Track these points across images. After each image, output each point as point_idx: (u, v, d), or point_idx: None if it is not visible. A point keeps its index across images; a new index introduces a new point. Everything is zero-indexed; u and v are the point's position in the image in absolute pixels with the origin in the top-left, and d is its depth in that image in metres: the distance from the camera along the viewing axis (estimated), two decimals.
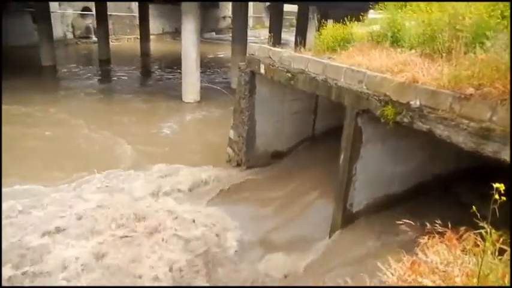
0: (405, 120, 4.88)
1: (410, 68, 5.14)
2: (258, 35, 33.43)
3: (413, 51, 5.80)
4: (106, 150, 10.16)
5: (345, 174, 5.74)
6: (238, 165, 8.76)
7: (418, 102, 4.75)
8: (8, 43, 23.41)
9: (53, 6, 25.21)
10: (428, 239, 2.66)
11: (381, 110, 5.13)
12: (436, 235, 2.66)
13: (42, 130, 11.11)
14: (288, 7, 26.05)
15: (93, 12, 27.52)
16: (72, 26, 30.55)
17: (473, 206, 2.21)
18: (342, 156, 5.83)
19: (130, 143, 10.60)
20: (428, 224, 2.71)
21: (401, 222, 2.92)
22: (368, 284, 2.55)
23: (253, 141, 8.47)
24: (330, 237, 5.95)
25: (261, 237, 6.50)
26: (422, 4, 6.02)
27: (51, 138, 10.67)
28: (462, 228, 2.60)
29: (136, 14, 30.38)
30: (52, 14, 22.86)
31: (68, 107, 13.66)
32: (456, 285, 2.27)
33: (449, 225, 2.67)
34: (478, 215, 2.18)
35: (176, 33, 32.87)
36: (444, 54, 5.05)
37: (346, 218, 5.84)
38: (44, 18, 21.07)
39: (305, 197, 7.16)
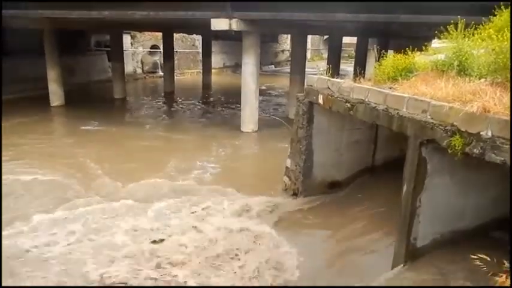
0: (475, 151, 4.62)
1: (479, 97, 4.91)
2: (316, 66, 33.77)
3: (482, 80, 5.54)
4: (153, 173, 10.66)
5: (408, 206, 5.46)
6: (295, 194, 8.71)
7: (489, 133, 4.49)
8: (91, 78, 26.32)
9: (126, 45, 27.71)
10: (506, 278, 2.44)
11: (448, 140, 4.91)
12: None
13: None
14: (346, 39, 26.18)
15: (161, 49, 29.73)
16: (142, 62, 33.16)
17: None
18: (404, 188, 5.59)
19: (190, 170, 11.06)
20: (505, 262, 2.49)
21: (475, 256, 2.71)
22: None
23: (311, 171, 8.42)
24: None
25: (318, 267, 6.34)
26: (492, 32, 5.78)
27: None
28: None
29: (200, 50, 32.34)
30: (125, 53, 25.16)
31: (130, 134, 14.81)
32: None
33: None
34: None
35: (236, 67, 34.30)
36: None
37: (410, 253, 5.50)
38: (117, 57, 23.20)
39: (364, 229, 6.89)
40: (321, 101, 7.76)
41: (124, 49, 24.99)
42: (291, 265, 6.40)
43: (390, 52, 14.49)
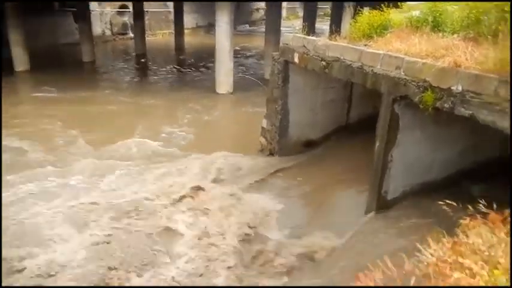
0: (446, 105, 4.75)
1: (452, 52, 4.97)
2: (291, 25, 33.08)
3: (455, 35, 5.60)
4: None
5: (380, 161, 5.65)
6: (271, 154, 8.80)
7: (460, 87, 4.60)
8: (57, 41, 24.79)
9: (93, 5, 26.16)
10: (471, 220, 2.58)
11: (420, 96, 5.00)
12: (478, 217, 2.58)
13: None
14: None
15: (130, 9, 28.30)
16: (111, 24, 31.52)
17: None
18: (377, 143, 5.74)
19: (162, 133, 10.94)
20: (470, 207, 2.63)
21: (442, 202, 2.86)
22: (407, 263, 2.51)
23: (286, 130, 8.47)
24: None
25: (295, 223, 6.59)
26: None
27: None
28: (508, 211, 2.50)
29: (172, 9, 30.97)
30: (92, 13, 23.79)
31: (99, 99, 14.36)
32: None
33: (495, 206, 2.58)
34: None
35: (209, 27, 33.18)
36: (490, 38, 4.84)
37: (381, 205, 5.76)
38: (83, 18, 21.95)
39: (338, 185, 7.12)
40: (296, 59, 7.68)
41: (91, 9, 23.66)
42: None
43: (366, 9, 14.34)
